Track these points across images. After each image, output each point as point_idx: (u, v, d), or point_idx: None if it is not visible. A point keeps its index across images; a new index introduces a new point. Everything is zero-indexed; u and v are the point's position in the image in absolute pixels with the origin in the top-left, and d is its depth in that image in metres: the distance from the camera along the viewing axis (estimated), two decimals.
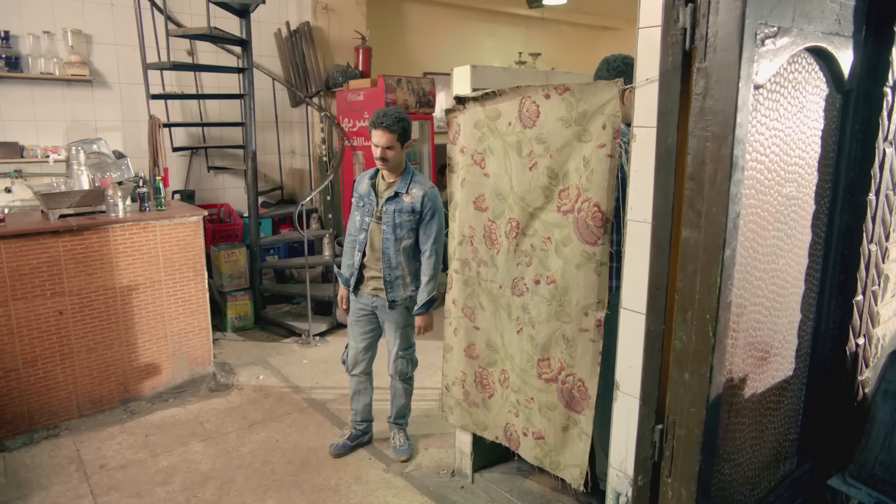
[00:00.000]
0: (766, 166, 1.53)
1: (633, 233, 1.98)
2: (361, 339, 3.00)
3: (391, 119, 2.66)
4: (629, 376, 2.07)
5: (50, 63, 4.38)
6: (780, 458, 1.95)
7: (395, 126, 2.67)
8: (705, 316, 1.38)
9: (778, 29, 1.38)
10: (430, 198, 2.80)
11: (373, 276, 2.87)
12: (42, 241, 3.19)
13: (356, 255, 2.89)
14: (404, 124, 2.71)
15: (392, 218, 2.76)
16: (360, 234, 2.85)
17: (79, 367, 3.39)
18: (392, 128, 2.66)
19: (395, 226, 2.76)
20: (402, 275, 2.84)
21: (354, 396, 3.11)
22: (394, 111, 2.71)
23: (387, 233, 2.77)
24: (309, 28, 5.43)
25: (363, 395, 3.10)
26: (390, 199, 2.77)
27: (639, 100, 1.93)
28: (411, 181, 2.80)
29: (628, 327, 2.00)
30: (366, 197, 2.84)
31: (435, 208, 2.81)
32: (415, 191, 2.77)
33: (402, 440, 3.12)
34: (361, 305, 2.96)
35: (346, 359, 3.07)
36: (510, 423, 2.60)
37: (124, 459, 3.04)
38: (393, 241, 2.77)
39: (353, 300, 2.99)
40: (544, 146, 2.28)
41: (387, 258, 2.80)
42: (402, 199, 2.76)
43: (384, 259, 2.80)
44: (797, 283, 1.81)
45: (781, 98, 1.53)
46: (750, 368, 1.64)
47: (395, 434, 3.14)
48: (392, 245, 2.78)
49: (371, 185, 2.84)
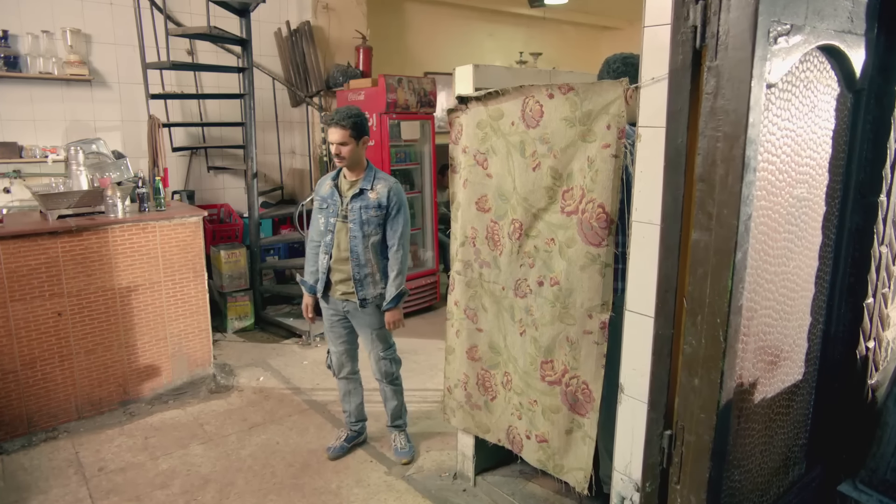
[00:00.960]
0: (778, 167, 1.50)
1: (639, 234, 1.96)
2: (340, 343, 3.00)
3: (342, 115, 2.67)
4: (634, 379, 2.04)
5: (49, 63, 4.36)
6: (790, 464, 1.92)
7: (346, 122, 2.67)
8: (716, 320, 1.35)
9: (791, 26, 1.35)
10: (395, 192, 2.80)
11: (341, 280, 2.85)
12: (40, 241, 3.17)
13: (322, 259, 2.87)
14: (356, 120, 2.70)
15: (359, 215, 2.75)
16: (326, 237, 2.84)
17: (78, 369, 3.37)
18: (342, 123, 2.66)
19: (363, 222, 2.76)
20: (372, 272, 2.83)
21: (345, 398, 3.10)
22: (346, 108, 2.73)
23: (354, 230, 2.76)
24: (309, 27, 5.41)
25: (354, 395, 3.09)
26: (356, 197, 2.77)
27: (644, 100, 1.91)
28: (375, 178, 2.80)
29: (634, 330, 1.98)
30: (329, 198, 2.83)
31: (400, 203, 2.81)
32: (379, 187, 2.77)
33: (403, 442, 3.09)
34: (333, 311, 2.94)
35: (330, 364, 3.06)
36: (513, 426, 2.59)
37: (123, 462, 3.02)
38: (361, 238, 2.77)
39: (323, 307, 2.97)
40: (548, 146, 2.27)
41: (355, 256, 2.78)
42: (368, 195, 2.76)
43: (353, 257, 2.78)
44: (807, 285, 1.79)
45: (793, 97, 1.50)
46: (760, 373, 1.61)
47: (395, 436, 3.12)
48: (360, 242, 2.77)
49: (334, 186, 2.83)
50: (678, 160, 1.44)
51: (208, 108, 5.25)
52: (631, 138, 2.06)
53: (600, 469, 2.39)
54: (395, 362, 3.04)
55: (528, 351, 2.39)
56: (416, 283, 5.32)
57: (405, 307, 5.17)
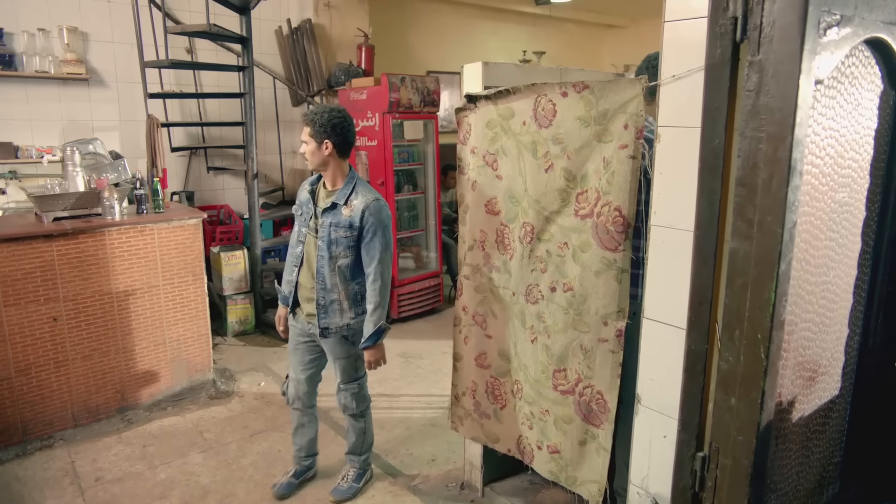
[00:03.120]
0: (821, 170, 1.40)
1: (657, 239, 1.91)
2: (302, 369, 2.65)
3: (313, 112, 2.37)
4: (652, 390, 1.99)
5: (45, 61, 4.29)
6: (824, 484, 1.83)
7: (310, 117, 2.35)
8: (756, 336, 1.25)
9: (840, 17, 1.25)
10: (373, 212, 2.38)
11: (307, 298, 2.52)
12: (35, 244, 3.09)
13: (292, 272, 2.58)
14: (320, 118, 2.34)
15: (327, 232, 2.41)
16: (297, 247, 2.55)
17: (74, 376, 3.29)
18: (306, 119, 2.37)
19: (330, 242, 2.41)
20: (338, 299, 2.47)
21: (297, 430, 2.77)
22: (325, 106, 2.40)
23: (321, 249, 2.43)
24: (310, 25, 5.34)
25: (307, 429, 2.77)
26: (328, 211, 2.42)
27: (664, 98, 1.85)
28: (353, 191, 2.42)
29: (652, 338, 1.93)
30: (305, 205, 2.52)
31: (378, 224, 2.40)
32: (355, 202, 2.40)
33: (348, 481, 2.77)
34: (299, 331, 2.62)
35: (285, 390, 2.72)
36: (523, 436, 2.55)
37: (121, 472, 2.94)
38: (327, 259, 2.42)
39: (291, 324, 2.64)
40: (561, 147, 2.22)
41: (321, 278, 2.45)
42: (340, 211, 2.40)
43: (318, 279, 2.46)
44: (846, 295, 1.69)
45: (838, 95, 1.41)
46: (798, 390, 1.52)
47: (345, 469, 2.83)
48: (326, 264, 2.43)
49: (311, 193, 2.51)
50: (715, 162, 1.34)
51: (208, 107, 5.18)
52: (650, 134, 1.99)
53: (615, 481, 2.31)
54: (357, 398, 2.67)
55: (540, 359, 2.35)
56: (419, 286, 5.25)
57: (409, 310, 5.17)
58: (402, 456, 3.09)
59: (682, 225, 1.85)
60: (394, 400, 3.72)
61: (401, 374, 4.10)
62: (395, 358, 4.37)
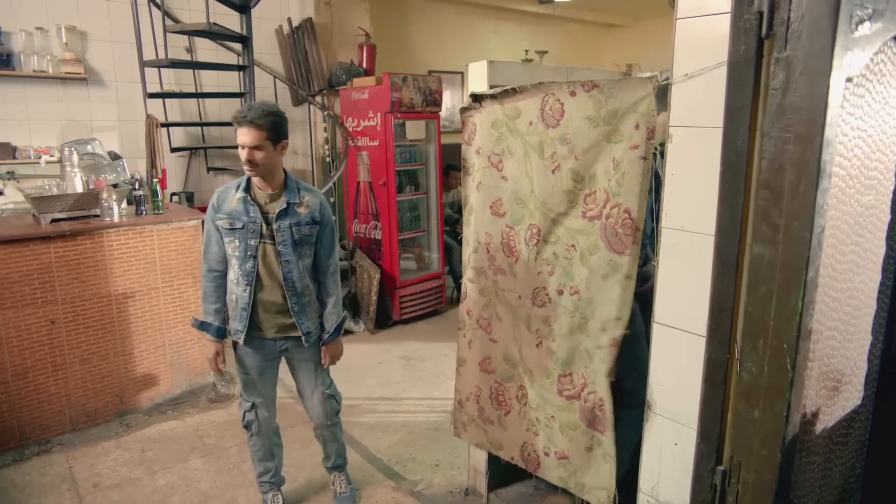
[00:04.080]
0: (848, 172, 1.34)
1: (668, 241, 1.88)
2: (270, 392, 2.50)
3: (257, 112, 2.17)
4: (662, 396, 1.97)
5: (43, 61, 4.24)
6: (846, 496, 1.78)
7: (263, 120, 2.17)
8: (782, 346, 1.20)
9: (873, 11, 1.20)
10: (326, 205, 2.39)
11: (274, 313, 2.35)
12: (33, 246, 3.04)
13: (242, 292, 2.30)
14: (275, 119, 2.22)
15: (290, 235, 2.28)
16: (246, 263, 2.28)
17: (72, 379, 3.24)
18: (258, 122, 2.16)
19: (295, 243, 2.29)
20: (310, 300, 2.40)
21: (270, 453, 2.59)
22: (261, 104, 2.26)
23: (286, 254, 2.28)
24: (311, 24, 5.29)
25: (279, 447, 2.66)
26: (283, 214, 2.28)
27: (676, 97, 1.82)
28: (299, 189, 2.34)
29: (662, 343, 1.91)
30: (243, 215, 2.27)
31: (330, 216, 2.42)
32: (308, 199, 2.33)
33: (344, 485, 2.72)
34: (263, 356, 2.41)
35: (254, 420, 2.47)
36: (528, 443, 2.50)
37: (119, 477, 2.90)
38: (295, 262, 2.31)
39: (246, 353, 2.40)
40: (569, 147, 2.17)
41: (290, 284, 2.31)
42: (297, 210, 2.30)
43: (287, 286, 2.30)
44: (870, 301, 1.64)
45: (866, 93, 1.35)
46: (822, 401, 1.46)
47: (335, 479, 2.74)
48: (295, 267, 2.31)
49: (245, 201, 2.28)
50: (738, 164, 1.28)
51: (208, 107, 5.13)
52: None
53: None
54: (338, 398, 2.61)
55: (545, 364, 2.30)
56: (421, 287, 5.21)
57: (411, 311, 5.11)
58: (405, 461, 3.04)
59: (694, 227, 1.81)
60: (396, 403, 3.67)
61: (403, 376, 4.05)
62: (397, 360, 4.32)
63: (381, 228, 5.01)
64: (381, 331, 4.96)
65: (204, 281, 2.37)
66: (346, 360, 2.94)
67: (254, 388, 2.46)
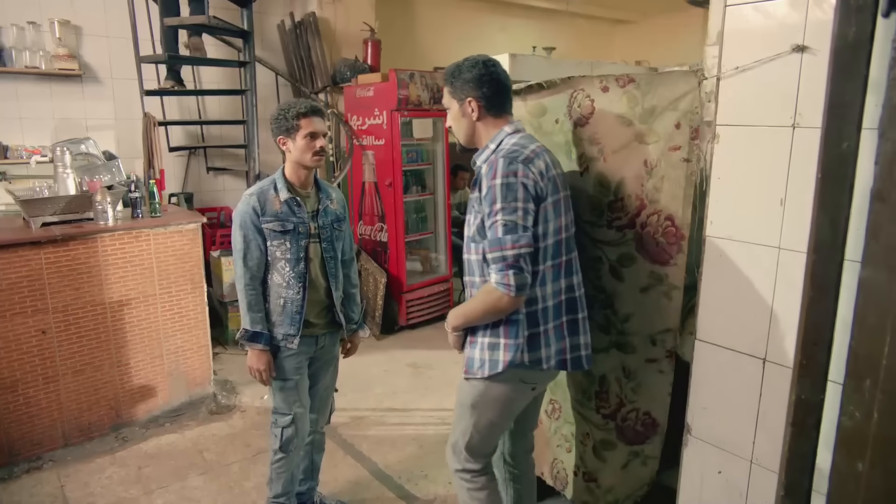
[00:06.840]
0: None
1: (714, 252, 1.77)
2: (306, 397, 2.39)
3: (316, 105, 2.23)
4: (704, 419, 1.87)
5: (36, 56, 4.08)
6: None
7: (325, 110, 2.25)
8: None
9: None
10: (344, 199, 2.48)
11: (321, 309, 2.34)
12: (22, 252, 2.88)
13: (296, 295, 2.24)
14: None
15: (330, 232, 2.33)
16: (299, 265, 2.23)
17: (64, 392, 3.09)
18: (322, 113, 2.23)
19: (335, 239, 2.35)
20: (346, 292, 2.49)
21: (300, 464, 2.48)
22: (303, 99, 2.31)
23: (329, 251, 2.32)
24: (314, 19, 5.13)
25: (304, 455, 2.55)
26: (323, 211, 2.32)
27: (724, 93, 1.70)
28: (320, 184, 2.37)
29: (706, 362, 1.82)
30: (291, 216, 2.21)
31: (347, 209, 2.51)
32: (335, 194, 2.39)
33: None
34: (307, 355, 2.36)
35: (292, 438, 2.32)
36: (558, 459, 2.41)
37: (114, 497, 2.74)
38: (337, 258, 2.37)
39: (290, 357, 2.29)
40: (598, 148, 2.03)
41: (334, 280, 2.35)
42: (330, 207, 2.35)
43: (333, 283, 2.34)
44: None
45: None
46: None
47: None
48: (336, 263, 2.36)
49: (290, 202, 2.22)
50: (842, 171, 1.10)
51: (207, 105, 4.97)
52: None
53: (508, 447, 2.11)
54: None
55: (578, 379, 2.22)
56: (428, 291, 5.05)
57: (417, 316, 4.95)
58: (416, 478, 2.88)
59: (746, 237, 1.68)
60: (405, 415, 3.51)
61: (411, 385, 3.89)
62: (405, 368, 4.16)
63: (388, 230, 4.85)
64: (387, 336, 4.80)
65: (247, 290, 2.22)
66: (352, 367, 2.77)
67: (295, 394, 2.33)
